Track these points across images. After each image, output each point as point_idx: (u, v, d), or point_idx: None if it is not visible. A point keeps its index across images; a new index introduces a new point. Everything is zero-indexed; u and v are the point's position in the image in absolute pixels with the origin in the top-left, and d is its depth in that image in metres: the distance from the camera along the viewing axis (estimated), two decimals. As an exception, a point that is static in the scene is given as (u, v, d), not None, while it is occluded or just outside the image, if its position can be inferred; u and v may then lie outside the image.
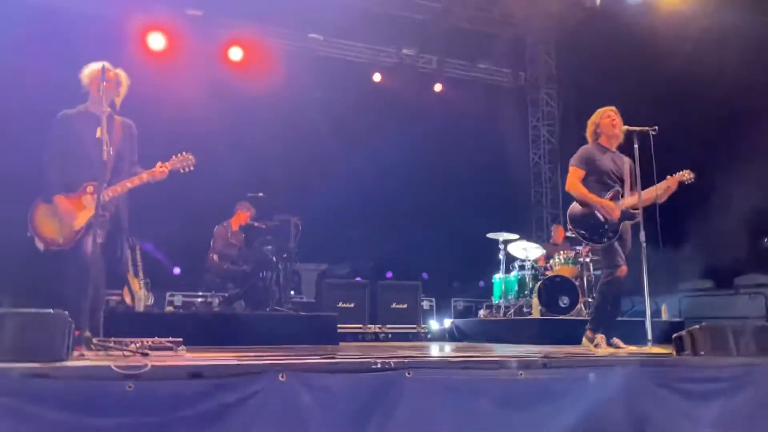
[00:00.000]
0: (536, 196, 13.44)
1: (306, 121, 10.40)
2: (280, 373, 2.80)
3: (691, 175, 4.96)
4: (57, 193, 4.03)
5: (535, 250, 9.24)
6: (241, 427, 2.71)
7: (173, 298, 9.20)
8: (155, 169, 4.23)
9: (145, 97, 8.42)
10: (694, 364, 3.58)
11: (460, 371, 3.10)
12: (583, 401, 3.20)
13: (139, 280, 7.81)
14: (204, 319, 6.68)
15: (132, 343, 3.52)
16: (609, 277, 4.89)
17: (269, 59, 10.97)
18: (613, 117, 5.00)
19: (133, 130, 4.43)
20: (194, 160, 4.36)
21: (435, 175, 11.38)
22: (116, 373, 2.60)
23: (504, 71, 13.56)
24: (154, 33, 10.29)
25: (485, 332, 8.81)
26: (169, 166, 4.28)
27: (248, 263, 7.52)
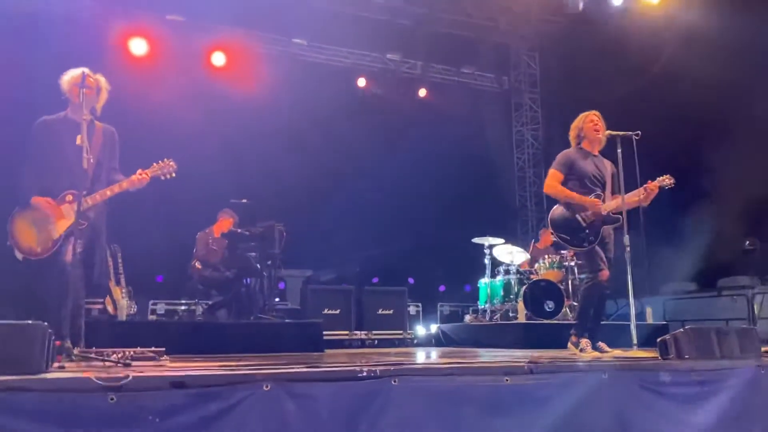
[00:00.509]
0: (521, 200, 13.49)
1: (290, 126, 10.37)
2: (264, 383, 2.76)
3: (671, 180, 5.00)
4: (35, 197, 3.97)
5: (521, 254, 9.27)
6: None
7: (156, 307, 9.10)
8: (134, 176, 4.17)
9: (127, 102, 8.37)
10: (678, 368, 3.59)
11: (446, 378, 3.08)
12: (568, 406, 3.19)
13: (121, 288, 7.73)
14: (187, 327, 6.61)
15: (114, 354, 3.46)
16: (591, 281, 4.91)
17: (252, 64, 10.93)
18: (596, 121, 5.03)
19: (115, 137, 4.37)
20: (175, 166, 4.31)
21: (420, 179, 11.38)
22: (97, 385, 2.55)
23: (488, 76, 13.62)
24: (135, 38, 10.22)
25: (471, 337, 8.80)
26: (149, 173, 4.22)
27: (232, 270, 7.45)
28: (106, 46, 9.83)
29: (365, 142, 11.09)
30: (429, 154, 11.35)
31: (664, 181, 4.97)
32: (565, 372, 3.33)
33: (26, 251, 3.99)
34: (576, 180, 4.96)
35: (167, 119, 9.26)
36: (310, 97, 10.65)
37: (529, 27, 12.81)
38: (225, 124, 9.97)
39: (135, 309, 8.06)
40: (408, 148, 11.01)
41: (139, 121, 8.89)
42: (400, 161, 10.96)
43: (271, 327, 6.77)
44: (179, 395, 2.66)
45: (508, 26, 12.75)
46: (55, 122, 4.18)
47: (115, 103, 4.50)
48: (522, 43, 13.55)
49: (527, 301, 8.27)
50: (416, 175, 11.31)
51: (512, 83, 13.78)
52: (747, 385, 3.61)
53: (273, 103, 10.40)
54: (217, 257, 7.63)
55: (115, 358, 3.36)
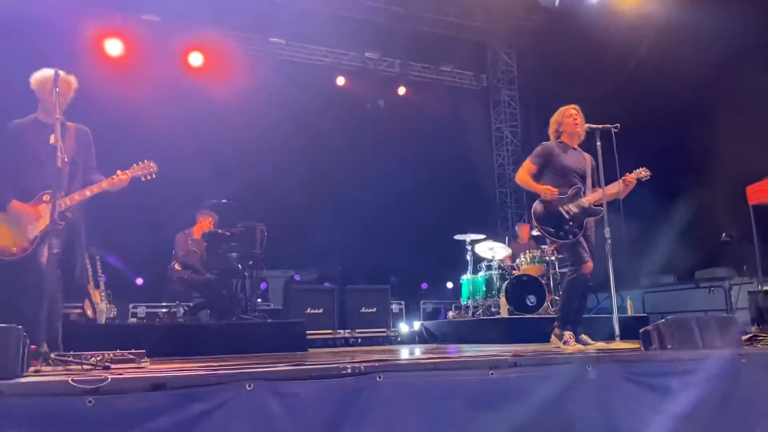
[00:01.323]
0: (501, 197, 13.55)
1: (269, 126, 10.30)
2: (247, 382, 2.72)
3: (648, 172, 5.07)
4: (10, 200, 3.89)
5: (502, 250, 9.30)
6: (207, 438, 2.63)
7: (136, 310, 8.98)
8: (115, 177, 4.12)
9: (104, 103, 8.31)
10: (661, 359, 3.62)
11: (430, 373, 3.06)
12: (553, 398, 3.20)
13: (100, 291, 7.61)
14: (168, 330, 6.52)
15: (92, 357, 3.39)
16: (574, 274, 4.93)
17: (230, 64, 10.84)
18: (574, 116, 5.06)
19: (89, 136, 4.31)
20: (156, 167, 4.26)
21: (401, 177, 11.37)
22: (74, 388, 2.49)
23: (466, 74, 13.67)
24: (111, 39, 10.08)
25: (455, 333, 8.82)
26: (129, 173, 4.19)
27: (213, 271, 7.37)
28: (81, 46, 9.69)
29: (345, 141, 11.05)
30: (409, 153, 11.36)
31: (641, 173, 5.04)
32: (549, 365, 3.33)
33: (1, 252, 3.91)
34: (555, 173, 4.99)
35: (145, 120, 9.15)
36: (289, 97, 10.59)
37: (506, 25, 12.86)
38: (204, 124, 9.87)
39: (115, 312, 7.94)
40: (388, 147, 11.01)
41: (117, 121, 8.79)
42: (380, 160, 10.95)
43: (253, 327, 6.70)
44: (160, 397, 2.62)
45: (485, 24, 12.79)
46: (26, 124, 4.12)
47: (92, 104, 4.45)
48: (499, 41, 13.59)
49: (509, 296, 8.29)
50: (396, 173, 11.30)
51: (490, 81, 13.84)
52: (728, 374, 3.64)
53: (252, 103, 10.32)
54: (197, 259, 7.54)
55: (94, 361, 3.29)
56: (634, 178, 5.01)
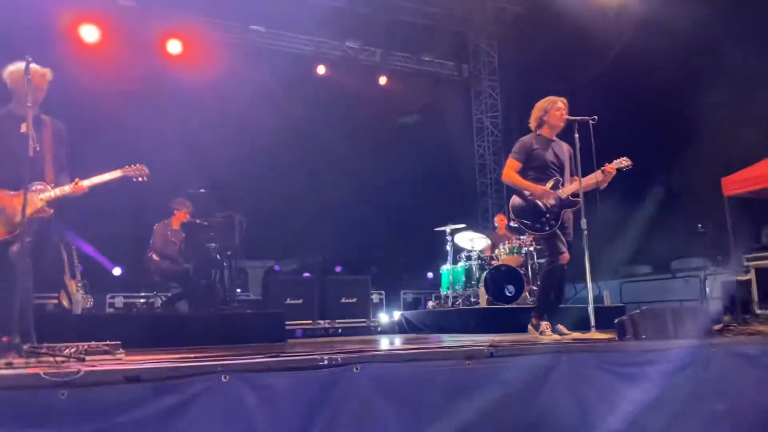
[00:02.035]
0: (482, 187, 13.61)
1: (249, 114, 10.20)
2: (223, 374, 2.71)
3: (629, 162, 5.06)
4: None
5: (481, 240, 9.34)
6: (183, 431, 2.62)
7: (114, 300, 8.90)
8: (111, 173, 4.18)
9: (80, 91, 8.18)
10: (635, 349, 3.67)
11: (407, 364, 3.08)
12: (529, 388, 3.23)
13: (76, 282, 7.51)
14: (145, 320, 6.47)
15: (66, 349, 3.35)
16: (552, 265, 4.97)
17: (210, 52, 10.71)
18: (563, 111, 5.02)
19: (64, 131, 4.27)
20: (148, 171, 4.29)
21: (381, 167, 11.35)
22: (47, 381, 2.47)
23: (448, 64, 13.66)
24: (86, 25, 9.88)
25: (434, 323, 8.86)
26: (121, 172, 4.18)
27: (191, 261, 7.32)
28: (56, 32, 9.50)
29: (325, 131, 10.99)
30: (389, 142, 11.35)
31: (621, 163, 5.03)
32: (525, 355, 3.36)
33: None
34: (536, 168, 4.99)
35: (122, 108, 9.03)
36: (269, 85, 10.50)
37: (487, 15, 12.87)
38: (182, 112, 9.74)
39: (91, 302, 7.85)
40: (369, 136, 10.98)
41: (94, 110, 8.67)
42: (360, 149, 10.92)
43: (232, 318, 6.69)
44: (134, 389, 2.60)
45: (467, 14, 12.79)
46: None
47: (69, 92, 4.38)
48: (480, 31, 13.60)
49: (488, 287, 8.35)
50: (377, 163, 11.28)
51: (471, 71, 13.84)
52: (700, 364, 3.70)
53: (231, 91, 10.22)
54: (175, 249, 7.48)
55: (68, 353, 3.25)
56: (614, 168, 5.00)
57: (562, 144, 5.14)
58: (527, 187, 4.92)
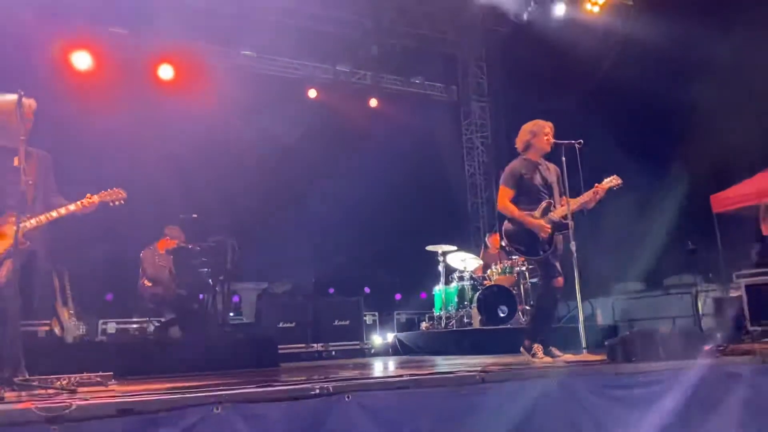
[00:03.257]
0: (473, 207, 13.66)
1: (241, 138, 10.26)
2: (215, 405, 2.71)
3: (619, 180, 5.09)
4: None
5: (473, 260, 9.37)
6: (175, 463, 2.61)
7: (106, 326, 8.84)
8: (84, 200, 4.10)
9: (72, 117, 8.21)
10: (626, 371, 3.69)
11: (399, 392, 3.08)
12: (521, 414, 3.24)
13: (68, 309, 7.48)
14: (138, 347, 6.45)
15: (58, 380, 3.35)
16: (545, 288, 4.99)
17: (201, 77, 10.77)
18: (549, 136, 5.06)
19: (49, 160, 4.27)
20: (125, 195, 4.26)
21: (373, 189, 11.40)
22: (38, 416, 2.46)
23: (437, 85, 13.80)
24: (78, 52, 9.93)
25: (428, 345, 8.85)
26: (98, 198, 4.17)
27: (183, 287, 7.30)
28: (47, 60, 9.54)
29: (317, 154, 11.06)
30: (381, 164, 11.39)
31: (612, 182, 5.07)
32: (516, 380, 3.38)
33: None
34: (526, 194, 5.02)
35: (114, 133, 9.05)
36: (260, 109, 10.57)
37: (476, 37, 13.04)
38: (173, 137, 9.77)
39: (84, 330, 7.80)
40: (360, 158, 11.04)
41: (85, 135, 8.69)
42: (352, 171, 10.97)
43: (225, 343, 6.66)
44: (126, 423, 2.60)
45: (456, 36, 12.95)
46: None
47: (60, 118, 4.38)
48: (469, 53, 13.76)
49: (481, 307, 8.36)
50: (369, 184, 11.33)
51: (461, 92, 13.97)
52: (692, 385, 3.72)
53: (223, 116, 10.28)
54: (165, 273, 7.47)
55: (59, 385, 3.25)
56: (606, 187, 5.05)
57: (549, 165, 5.18)
58: (523, 220, 4.92)
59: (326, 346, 8.95)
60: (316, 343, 8.92)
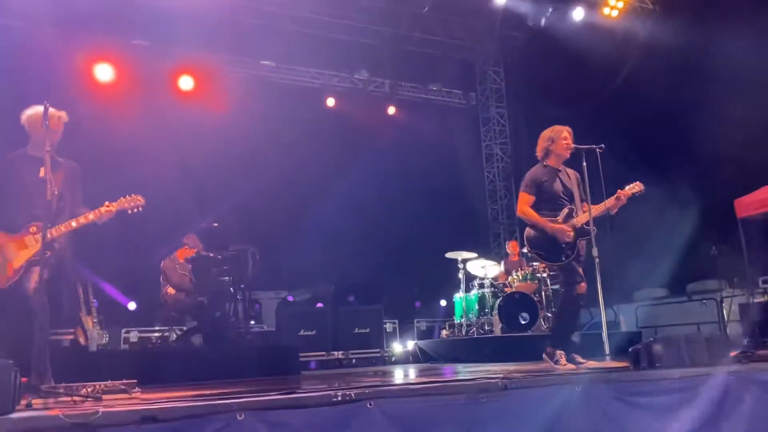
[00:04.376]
0: (492, 213, 13.61)
1: (261, 148, 10.35)
2: (238, 412, 2.73)
3: (641, 186, 5.05)
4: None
5: (494, 267, 9.32)
6: (199, 470, 2.63)
7: (129, 335, 8.95)
8: (101, 209, 4.14)
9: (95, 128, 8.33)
10: (650, 378, 3.64)
11: (421, 399, 3.08)
12: (544, 421, 3.21)
13: (91, 318, 7.58)
14: (160, 355, 6.50)
15: (84, 388, 3.39)
16: (568, 295, 4.95)
17: (221, 87, 10.91)
18: (568, 141, 5.03)
19: (77, 171, 4.34)
20: (143, 201, 4.28)
21: (392, 196, 11.43)
22: (65, 423, 2.50)
23: (455, 92, 13.80)
24: (101, 64, 10.11)
25: (449, 352, 8.82)
26: (116, 206, 4.20)
27: (205, 295, 7.36)
28: (71, 73, 9.73)
29: (336, 162, 11.11)
30: (400, 172, 11.43)
31: (634, 188, 5.03)
32: (539, 387, 3.35)
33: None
34: (547, 200, 4.99)
35: (136, 144, 9.17)
36: (279, 119, 10.67)
37: (493, 43, 13.02)
38: (193, 147, 9.89)
39: (107, 338, 7.91)
40: (379, 166, 11.07)
41: (108, 146, 8.81)
42: (371, 179, 11.00)
43: (246, 351, 6.69)
44: (152, 430, 2.62)
45: (473, 43, 12.96)
46: (16, 158, 4.15)
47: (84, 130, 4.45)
48: (487, 59, 13.76)
49: (502, 314, 8.31)
50: (388, 192, 11.36)
51: (479, 98, 13.97)
52: (718, 392, 3.66)
53: (243, 126, 10.38)
54: (188, 281, 7.54)
55: (85, 392, 3.29)
56: (628, 193, 5.01)
57: (569, 171, 5.15)
58: (543, 225, 4.89)
59: (347, 354, 8.96)
60: (336, 351, 8.93)
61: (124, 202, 4.23)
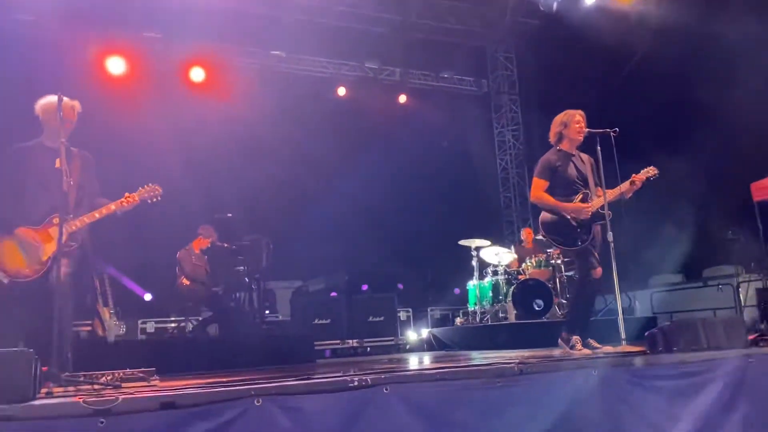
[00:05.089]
0: (505, 201, 13.56)
1: (272, 138, 10.35)
2: (256, 398, 2.75)
3: (656, 171, 5.01)
4: (17, 226, 3.95)
5: (507, 254, 9.30)
6: (218, 455, 2.66)
7: (145, 325, 9.03)
8: (123, 199, 4.19)
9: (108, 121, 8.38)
10: (667, 362, 3.63)
11: (437, 383, 3.09)
12: (560, 405, 3.21)
13: (109, 309, 7.65)
14: (177, 345, 6.57)
15: (103, 376, 3.43)
16: (584, 279, 4.93)
17: (231, 78, 10.92)
18: (581, 124, 5.01)
19: (92, 162, 4.36)
20: (161, 190, 4.32)
21: (404, 185, 11.41)
22: (86, 409, 2.54)
23: (467, 79, 13.71)
24: (113, 57, 10.15)
25: (463, 340, 8.81)
26: (137, 196, 4.25)
27: (220, 285, 7.42)
28: (83, 65, 9.78)
29: (348, 151, 11.09)
30: (412, 160, 11.40)
31: (648, 173, 5.00)
32: (554, 371, 3.35)
33: (13, 274, 3.96)
34: (561, 185, 4.97)
35: (148, 136, 9.21)
36: (291, 109, 10.66)
37: (505, 29, 12.90)
38: (207, 138, 9.92)
39: (124, 329, 7.99)
40: (391, 155, 11.05)
41: (121, 138, 8.86)
42: (383, 168, 10.99)
43: (262, 340, 6.74)
44: (170, 415, 2.65)
45: (484, 29, 12.85)
46: (30, 148, 4.17)
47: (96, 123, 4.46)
48: (498, 46, 13.65)
49: (516, 301, 8.30)
50: (400, 181, 11.34)
51: (491, 85, 13.87)
52: (735, 375, 3.64)
53: (254, 116, 10.37)
54: (203, 272, 7.60)
55: (104, 380, 3.33)
56: (643, 177, 4.97)
57: (582, 156, 5.12)
58: (559, 207, 4.88)
59: (361, 342, 9.00)
60: (351, 340, 8.96)
61: (144, 192, 4.28)
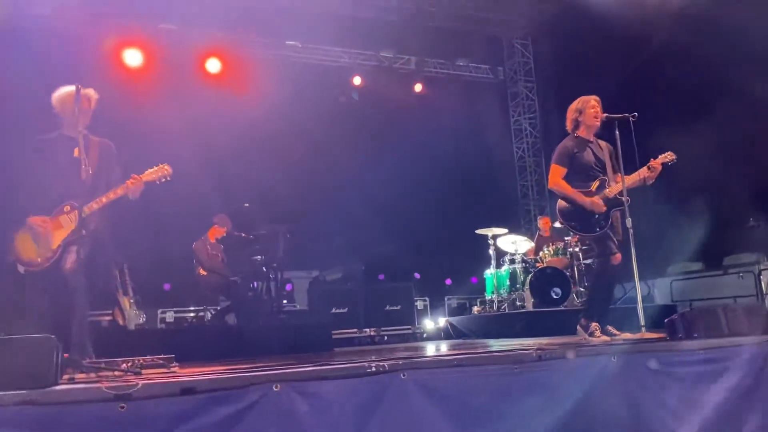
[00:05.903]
0: (522, 189, 13.49)
1: (288, 127, 10.36)
2: (274, 383, 2.77)
3: (673, 156, 4.96)
4: (30, 215, 3.99)
5: (524, 243, 9.26)
6: (237, 440, 2.68)
7: (165, 315, 9.13)
8: (129, 181, 4.13)
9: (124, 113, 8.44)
10: (687, 348, 3.59)
11: (455, 369, 3.08)
12: (578, 391, 3.20)
13: (128, 298, 7.74)
14: (196, 333, 6.64)
15: (124, 363, 3.47)
16: (603, 266, 4.89)
17: (247, 69, 10.94)
18: (597, 108, 4.97)
19: (112, 149, 4.36)
20: (170, 170, 4.27)
21: (421, 174, 11.37)
22: (107, 394, 2.57)
23: (483, 67, 13.62)
24: (129, 49, 10.21)
25: (480, 328, 8.81)
26: (143, 178, 4.19)
27: (238, 275, 7.47)
28: (100, 58, 9.84)
29: (364, 140, 11.09)
30: (428, 149, 11.35)
31: (666, 158, 4.95)
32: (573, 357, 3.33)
33: (27, 263, 4.01)
34: (579, 172, 4.93)
35: (165, 128, 9.26)
36: (307, 98, 10.66)
37: (521, 16, 12.79)
38: (223, 129, 9.96)
39: (144, 318, 8.08)
40: (407, 144, 11.01)
41: (137, 130, 8.91)
42: (400, 157, 10.95)
43: (279, 329, 6.79)
44: (190, 401, 2.68)
45: (500, 16, 12.73)
46: (49, 140, 4.20)
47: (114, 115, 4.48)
48: (514, 33, 13.53)
49: (534, 290, 8.26)
50: (417, 169, 11.30)
51: (507, 73, 13.77)
52: (756, 362, 3.60)
53: (269, 106, 10.37)
54: (219, 262, 7.65)
55: (125, 367, 3.37)
56: (660, 163, 4.92)
57: (600, 143, 5.07)
58: (576, 198, 4.84)
59: (378, 331, 9.02)
60: (368, 329, 8.99)
61: (152, 173, 4.22)
